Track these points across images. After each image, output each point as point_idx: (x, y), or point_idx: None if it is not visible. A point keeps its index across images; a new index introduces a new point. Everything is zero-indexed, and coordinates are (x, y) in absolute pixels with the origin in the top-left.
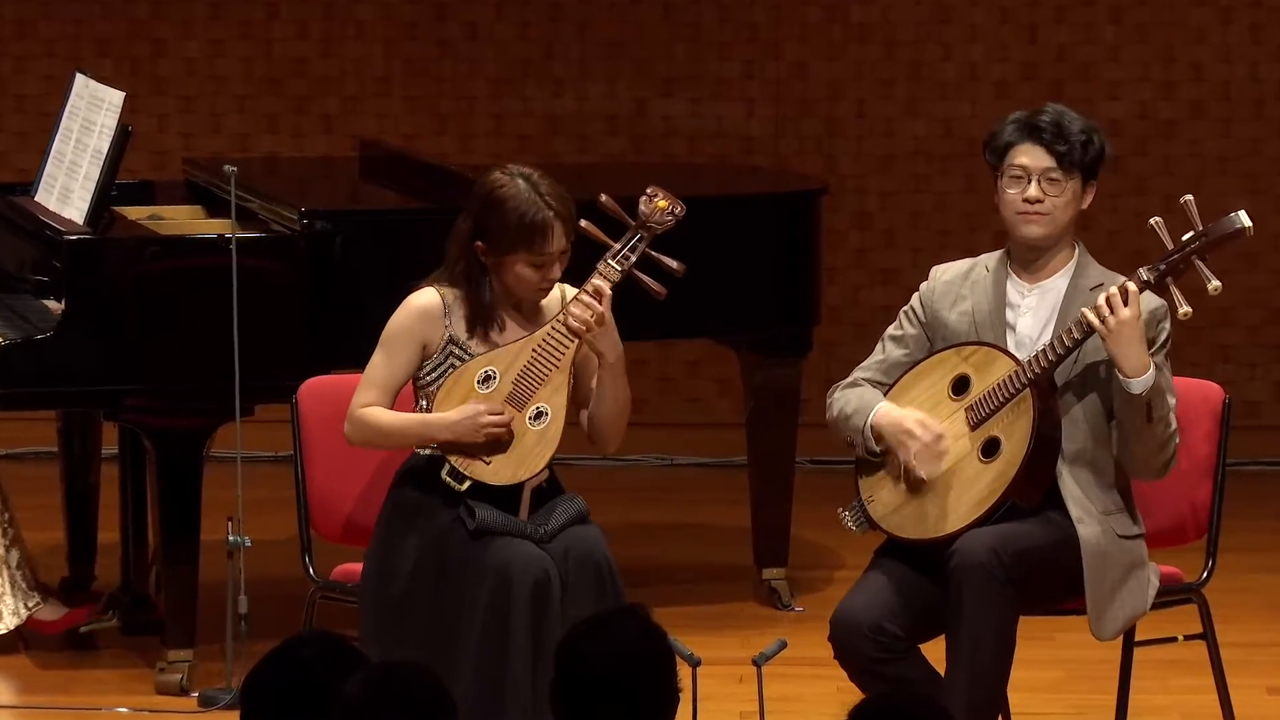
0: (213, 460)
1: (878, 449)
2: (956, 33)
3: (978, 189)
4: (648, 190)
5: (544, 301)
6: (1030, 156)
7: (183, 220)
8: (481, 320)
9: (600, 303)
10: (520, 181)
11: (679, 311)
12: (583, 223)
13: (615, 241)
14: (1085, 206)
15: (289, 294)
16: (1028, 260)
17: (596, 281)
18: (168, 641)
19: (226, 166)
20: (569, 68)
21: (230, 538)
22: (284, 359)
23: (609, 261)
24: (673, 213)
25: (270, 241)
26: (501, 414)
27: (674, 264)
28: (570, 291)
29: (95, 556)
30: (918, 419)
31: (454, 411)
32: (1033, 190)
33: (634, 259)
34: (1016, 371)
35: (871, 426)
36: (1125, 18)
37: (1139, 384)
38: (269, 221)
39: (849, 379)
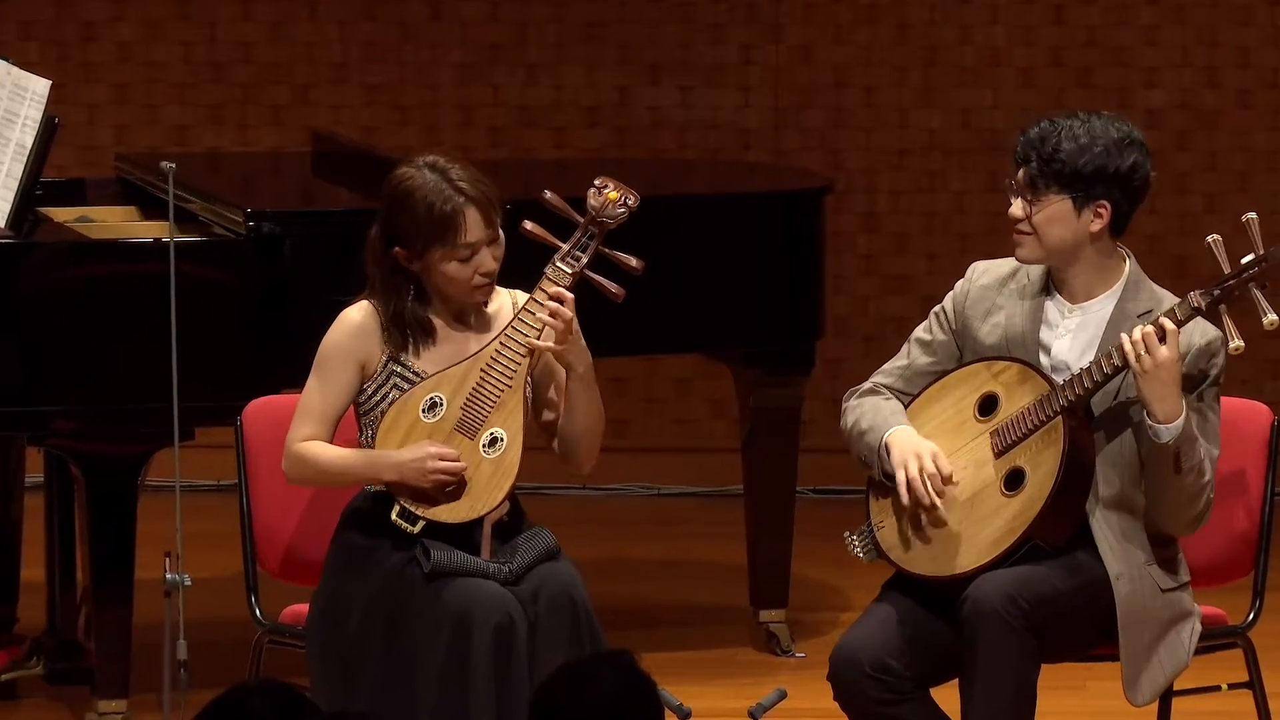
0: (148, 489)
1: (893, 472)
2: (976, 13)
3: (999, 187)
4: (595, 181)
5: (491, 310)
6: (1018, 170)
7: (115, 222)
8: (413, 334)
9: (565, 308)
10: (426, 172)
11: (667, 324)
12: (526, 224)
13: (564, 242)
14: (1095, 230)
15: (233, 304)
16: (1060, 279)
17: (548, 287)
18: (99, 691)
19: (164, 163)
20: (544, 52)
21: (168, 575)
22: (228, 377)
23: (557, 264)
24: (625, 204)
25: (212, 246)
26: (454, 457)
27: (632, 261)
28: (521, 298)
29: (18, 596)
30: (933, 451)
31: (403, 450)
32: (1012, 208)
33: (585, 259)
34: (1049, 396)
35: (885, 447)
36: None
37: (1167, 432)
38: (211, 224)
39: (867, 384)
